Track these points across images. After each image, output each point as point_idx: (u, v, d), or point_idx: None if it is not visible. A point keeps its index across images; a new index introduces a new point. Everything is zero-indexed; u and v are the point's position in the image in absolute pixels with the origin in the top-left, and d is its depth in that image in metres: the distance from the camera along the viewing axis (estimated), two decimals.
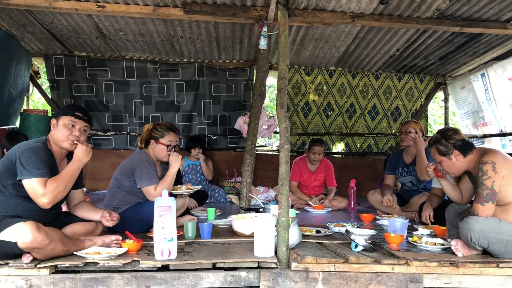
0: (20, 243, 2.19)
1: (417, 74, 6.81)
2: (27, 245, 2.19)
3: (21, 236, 2.18)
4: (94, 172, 6.17)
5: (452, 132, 2.81)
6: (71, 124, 2.58)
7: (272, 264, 2.40)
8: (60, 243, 2.32)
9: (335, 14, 4.17)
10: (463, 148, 2.74)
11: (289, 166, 2.61)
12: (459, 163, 2.76)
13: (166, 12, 4.16)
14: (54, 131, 2.58)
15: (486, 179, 2.53)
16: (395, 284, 2.36)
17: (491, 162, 2.55)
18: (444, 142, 2.78)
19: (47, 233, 2.24)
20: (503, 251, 2.47)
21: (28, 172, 2.35)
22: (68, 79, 6.22)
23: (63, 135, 2.55)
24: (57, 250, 2.31)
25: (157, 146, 3.32)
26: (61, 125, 2.56)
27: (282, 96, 2.75)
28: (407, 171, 4.38)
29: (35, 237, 2.18)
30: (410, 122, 4.42)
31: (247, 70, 6.46)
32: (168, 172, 3.27)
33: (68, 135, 2.56)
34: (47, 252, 2.27)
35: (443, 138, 2.80)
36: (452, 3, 4.02)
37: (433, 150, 2.88)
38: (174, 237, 2.39)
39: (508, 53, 5.39)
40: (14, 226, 2.22)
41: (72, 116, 2.58)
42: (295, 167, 5.32)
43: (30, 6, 4.07)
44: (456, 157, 2.75)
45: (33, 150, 2.43)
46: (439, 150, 2.81)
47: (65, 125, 2.56)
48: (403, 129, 4.38)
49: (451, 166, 2.80)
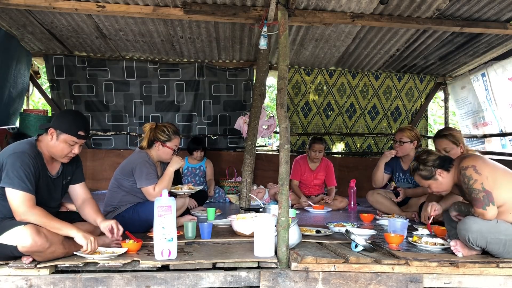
0: (20, 247, 2.19)
1: (417, 74, 6.81)
2: (27, 249, 2.19)
3: (21, 240, 2.18)
4: (94, 172, 6.17)
5: (426, 155, 2.84)
6: (73, 143, 2.49)
7: (272, 264, 2.40)
8: (61, 246, 2.32)
9: (335, 14, 4.17)
10: (443, 165, 2.76)
11: (289, 166, 2.61)
12: (446, 179, 2.77)
13: (166, 12, 4.16)
14: (52, 143, 2.46)
15: (474, 183, 2.53)
16: (395, 284, 2.36)
17: (472, 166, 2.57)
18: (423, 167, 2.81)
19: (47, 236, 2.24)
20: (502, 251, 2.47)
21: (10, 181, 2.28)
22: (68, 79, 6.21)
23: (62, 151, 2.47)
24: (57, 252, 2.31)
25: (163, 149, 3.32)
26: (61, 141, 2.46)
27: (282, 96, 2.75)
28: (404, 178, 4.36)
29: (35, 241, 2.18)
30: (404, 130, 4.30)
31: (247, 70, 6.46)
32: (165, 171, 3.27)
33: (68, 153, 2.50)
34: (47, 255, 2.27)
35: (420, 163, 2.83)
36: (452, 3, 4.02)
37: (417, 178, 2.89)
38: (174, 237, 2.40)
39: (508, 53, 5.39)
40: (14, 229, 2.21)
41: (75, 137, 2.48)
42: (295, 165, 5.34)
43: (30, 6, 4.07)
44: (440, 176, 2.77)
45: (18, 155, 2.34)
46: (422, 176, 2.83)
47: (66, 142, 2.47)
48: (397, 138, 4.27)
49: (439, 186, 2.81)
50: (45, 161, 2.50)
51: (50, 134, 2.47)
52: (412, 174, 2.94)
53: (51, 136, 2.47)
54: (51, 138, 2.47)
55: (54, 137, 2.46)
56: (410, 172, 2.96)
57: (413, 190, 4.26)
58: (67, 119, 2.51)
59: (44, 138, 2.51)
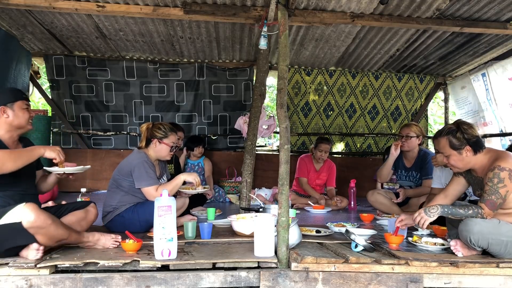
0: (25, 222, 2.22)
1: (417, 74, 6.81)
2: (31, 224, 2.22)
3: (25, 216, 2.22)
4: (94, 172, 6.17)
5: (468, 127, 2.66)
6: (26, 106, 2.61)
7: (272, 264, 2.40)
8: (61, 225, 2.38)
9: (335, 14, 4.18)
10: (476, 145, 2.62)
11: (289, 166, 2.60)
12: (468, 159, 2.64)
13: (166, 12, 4.16)
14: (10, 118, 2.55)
15: (502, 187, 2.46)
16: (395, 284, 2.36)
17: (509, 170, 2.47)
18: (459, 135, 2.61)
19: (47, 213, 2.31)
20: (503, 251, 2.47)
21: None
22: (68, 79, 6.22)
23: (24, 118, 2.59)
24: (60, 231, 2.35)
25: (160, 146, 3.32)
26: (18, 110, 2.57)
27: (282, 96, 2.75)
28: (406, 176, 4.36)
29: (38, 215, 2.23)
30: (411, 126, 4.28)
31: (247, 70, 6.46)
32: (176, 178, 3.26)
33: (28, 117, 2.62)
34: (52, 232, 2.30)
35: (459, 130, 2.62)
36: (452, 3, 4.02)
37: (443, 142, 2.66)
38: (174, 237, 2.39)
39: (508, 53, 5.40)
40: (16, 208, 2.25)
41: (25, 100, 2.62)
42: (301, 163, 5.36)
43: (30, 6, 4.07)
44: (466, 153, 2.62)
45: None
46: (451, 142, 2.62)
47: (21, 108, 2.59)
48: (404, 133, 4.25)
49: (458, 161, 2.66)
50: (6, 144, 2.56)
51: (3, 113, 2.55)
52: (441, 135, 2.70)
53: (6, 114, 2.55)
54: (7, 115, 2.55)
55: (8, 113, 2.55)
56: (439, 133, 2.72)
57: (414, 190, 4.26)
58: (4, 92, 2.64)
59: None
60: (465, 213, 2.52)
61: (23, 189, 2.57)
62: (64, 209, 2.76)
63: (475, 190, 2.78)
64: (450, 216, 2.59)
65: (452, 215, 2.56)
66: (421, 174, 4.26)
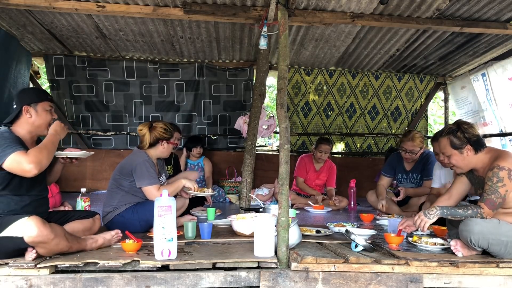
0: (26, 237, 2.20)
1: (417, 74, 6.81)
2: (33, 238, 2.20)
3: (27, 230, 2.19)
4: (94, 172, 6.17)
5: (468, 126, 2.67)
6: (49, 108, 2.60)
7: (272, 264, 2.40)
8: (64, 238, 2.34)
9: (335, 14, 4.17)
10: (477, 144, 2.62)
11: (289, 166, 2.61)
12: (469, 159, 2.64)
13: (166, 12, 4.16)
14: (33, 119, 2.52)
15: (501, 187, 2.46)
16: (395, 284, 2.36)
17: (508, 169, 2.47)
18: (459, 135, 2.62)
19: (51, 227, 2.27)
20: (503, 252, 2.47)
21: (3, 153, 2.29)
22: (68, 79, 6.22)
23: (46, 120, 2.57)
24: (61, 245, 2.32)
25: (168, 146, 3.40)
26: (41, 111, 2.55)
27: (282, 96, 2.75)
28: (407, 178, 4.36)
29: (41, 230, 2.20)
30: (415, 139, 4.15)
31: (247, 70, 6.46)
32: (177, 182, 3.33)
33: (50, 120, 2.60)
34: (52, 247, 2.28)
35: (460, 130, 2.63)
36: (452, 3, 4.02)
37: (444, 142, 2.67)
38: (174, 237, 2.39)
39: (508, 53, 5.39)
40: (19, 221, 2.23)
41: (49, 101, 2.61)
42: (301, 162, 5.37)
43: (30, 6, 4.07)
44: (467, 152, 2.62)
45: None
46: (452, 142, 2.63)
47: (45, 110, 2.57)
48: (408, 148, 4.15)
49: (460, 161, 2.66)
50: (27, 145, 2.51)
51: (26, 112, 2.52)
52: (442, 135, 2.71)
53: (29, 114, 2.52)
54: (30, 115, 2.53)
55: (31, 112, 2.53)
56: (440, 133, 2.73)
57: (414, 190, 4.26)
58: (29, 92, 2.67)
59: (20, 121, 2.54)
60: (465, 213, 2.52)
61: (37, 192, 2.54)
62: (70, 216, 2.77)
63: (476, 190, 2.78)
64: (449, 217, 2.59)
65: (452, 216, 2.56)
66: (422, 175, 4.26)
